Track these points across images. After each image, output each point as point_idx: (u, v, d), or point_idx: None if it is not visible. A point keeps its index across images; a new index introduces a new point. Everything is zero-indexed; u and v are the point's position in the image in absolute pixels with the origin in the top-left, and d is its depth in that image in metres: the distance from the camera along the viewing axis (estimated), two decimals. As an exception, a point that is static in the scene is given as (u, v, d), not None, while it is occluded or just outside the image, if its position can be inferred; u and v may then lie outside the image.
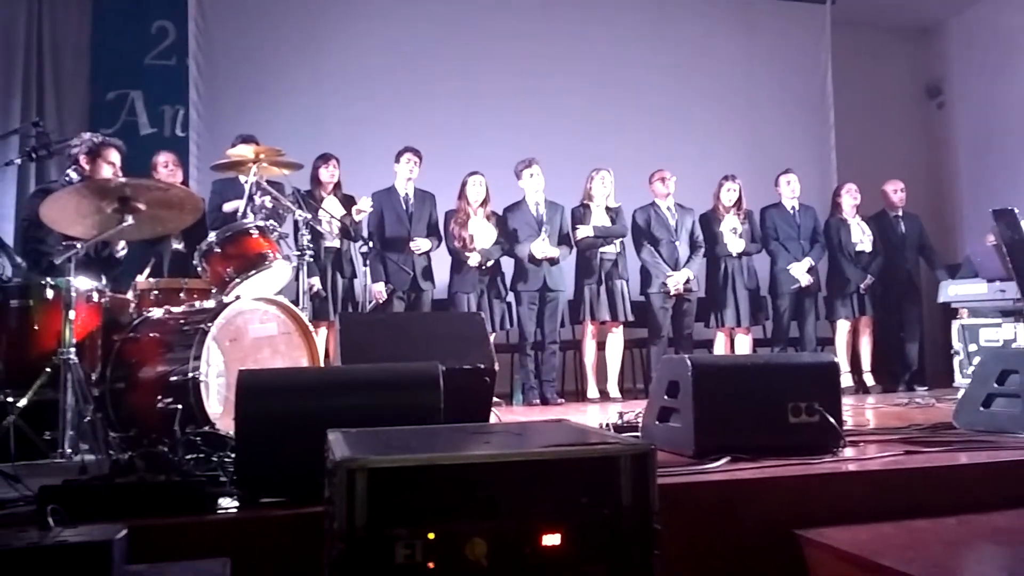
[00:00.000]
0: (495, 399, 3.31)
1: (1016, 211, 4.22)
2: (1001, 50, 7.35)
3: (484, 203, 5.28)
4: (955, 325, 5.08)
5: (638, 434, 2.78)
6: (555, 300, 5.36)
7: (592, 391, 5.44)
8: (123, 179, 2.78)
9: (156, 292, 3.17)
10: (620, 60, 6.94)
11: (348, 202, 5.15)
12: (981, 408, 2.89)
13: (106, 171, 3.58)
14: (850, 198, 5.93)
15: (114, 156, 3.61)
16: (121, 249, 3.74)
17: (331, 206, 5.00)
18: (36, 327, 2.91)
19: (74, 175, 3.55)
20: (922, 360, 6.04)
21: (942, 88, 8.16)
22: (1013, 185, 6.92)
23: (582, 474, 1.48)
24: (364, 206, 4.98)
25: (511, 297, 5.40)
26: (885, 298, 5.91)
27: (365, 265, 4.30)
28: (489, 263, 5.21)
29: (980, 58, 7.63)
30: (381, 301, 5.07)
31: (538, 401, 5.24)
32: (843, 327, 5.83)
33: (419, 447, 1.54)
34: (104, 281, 3.04)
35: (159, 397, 2.58)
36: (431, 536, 1.37)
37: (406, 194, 5.30)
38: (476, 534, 1.39)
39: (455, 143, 6.10)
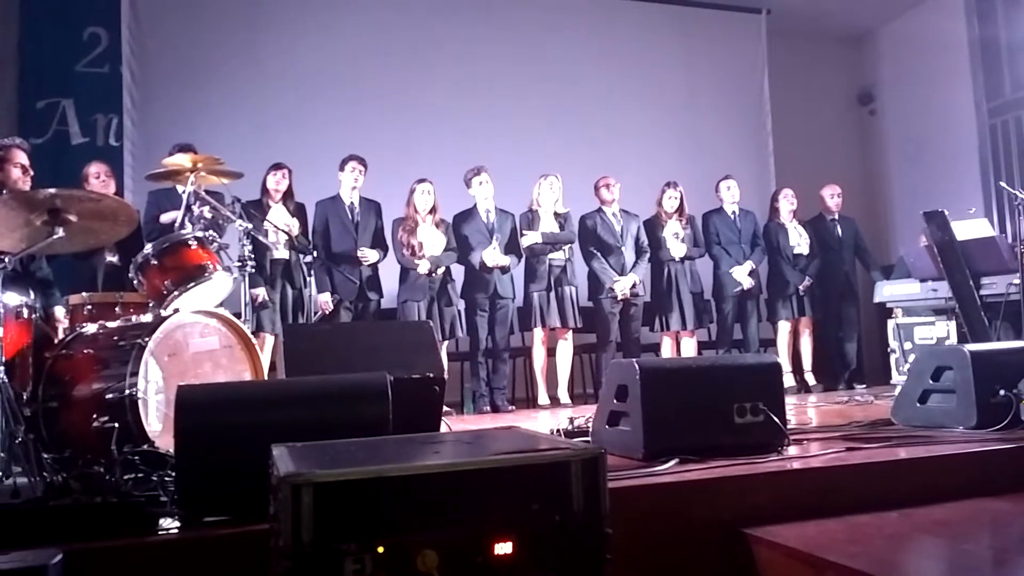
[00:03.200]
0: (445, 408, 3.29)
1: (946, 213, 4.39)
2: (929, 58, 7.64)
3: (432, 211, 5.25)
4: (891, 324, 5.23)
5: (589, 439, 2.79)
6: (505, 307, 5.36)
7: (543, 397, 5.44)
8: (52, 190, 2.67)
9: (90, 307, 3.07)
10: (564, 68, 7.00)
11: (300, 211, 5.07)
12: (918, 404, 2.98)
13: (16, 173, 3.43)
14: (787, 203, 6.09)
15: (21, 157, 3.44)
16: (38, 269, 3.58)
17: (277, 215, 4.90)
18: (-38, 346, 2.77)
19: None
20: (860, 359, 6.22)
21: (874, 95, 8.44)
22: (943, 188, 7.20)
23: (533, 481, 1.47)
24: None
25: (462, 305, 5.37)
26: (824, 299, 6.07)
27: (310, 275, 4.22)
28: (439, 271, 5.17)
29: (909, 66, 7.91)
30: (327, 312, 5.00)
31: (489, 409, 5.22)
32: (784, 328, 5.97)
33: (366, 459, 1.52)
34: (33, 297, 2.92)
35: (95, 416, 2.48)
36: (380, 550, 1.35)
37: (351, 203, 5.24)
38: (427, 546, 1.37)
39: (402, 151, 6.06)
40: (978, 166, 7.22)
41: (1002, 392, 2.73)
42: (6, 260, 2.65)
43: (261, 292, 4.67)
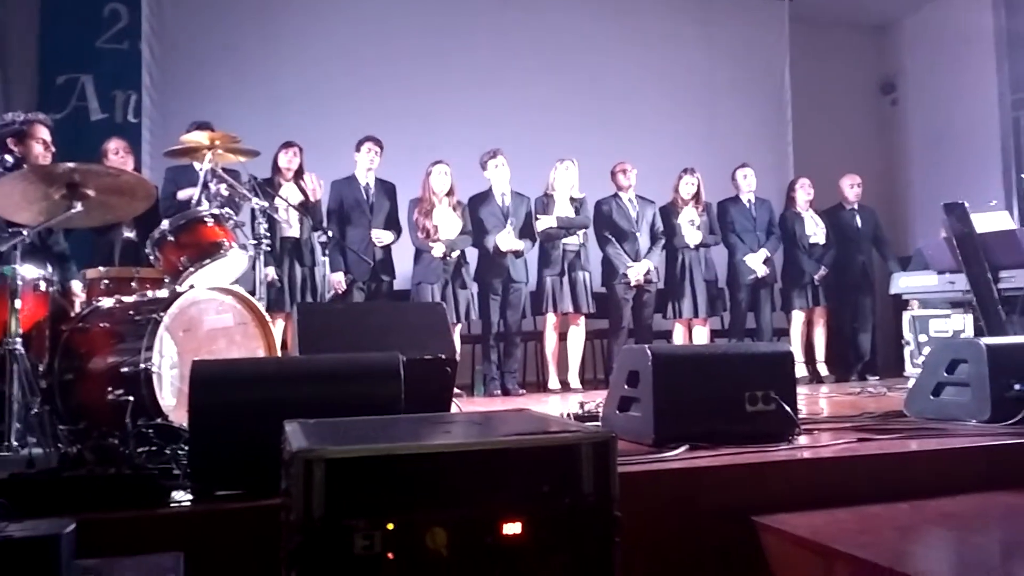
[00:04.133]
0: (456, 390, 3.30)
1: (966, 205, 4.33)
2: (953, 48, 7.52)
3: (449, 193, 5.24)
4: (906, 316, 5.19)
5: (599, 423, 2.79)
6: (518, 291, 5.36)
7: (553, 382, 5.45)
8: (71, 164, 2.68)
9: (106, 281, 3.10)
10: (583, 53, 6.95)
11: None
12: (931, 397, 2.96)
13: (38, 149, 3.45)
14: (804, 192, 6.04)
15: (43, 132, 3.47)
16: (56, 243, 3.60)
17: (289, 193, 4.92)
18: (-20, 317, 2.81)
19: (8, 159, 3.41)
20: (874, 350, 6.17)
21: (896, 85, 8.33)
22: (963, 180, 7.10)
23: (543, 463, 1.47)
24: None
25: (475, 288, 5.37)
26: (839, 289, 6.03)
27: (324, 255, 4.24)
28: (454, 254, 5.17)
29: (933, 56, 7.80)
30: (341, 291, 5.01)
31: (499, 392, 5.23)
32: (798, 317, 5.94)
33: (378, 437, 1.53)
34: (51, 270, 2.94)
35: (109, 389, 2.50)
36: (390, 526, 1.35)
37: (367, 184, 5.24)
38: (436, 523, 1.38)
39: (418, 132, 6.04)
40: (1000, 159, 7.12)
41: (1017, 387, 2.70)
42: (25, 233, 2.68)
43: (273, 271, 4.70)
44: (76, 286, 3.46)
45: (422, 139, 5.89)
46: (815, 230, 5.97)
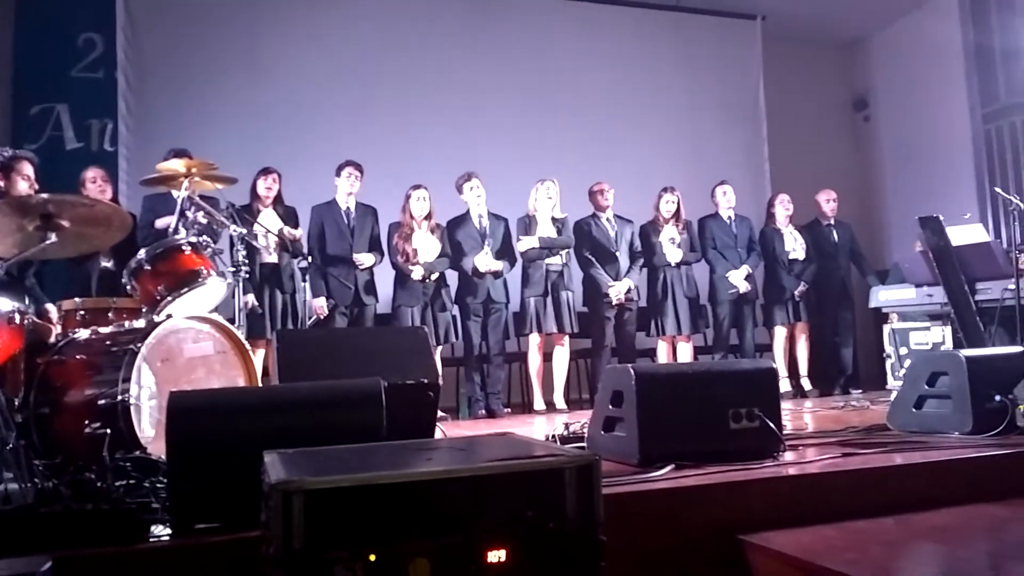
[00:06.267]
0: (441, 413, 3.28)
1: (941, 218, 4.39)
2: (924, 63, 7.66)
3: (428, 217, 5.25)
4: (886, 329, 5.24)
5: (584, 444, 2.78)
6: (499, 312, 5.35)
7: (538, 403, 5.43)
8: (45, 195, 2.65)
9: (82, 312, 3.05)
10: (561, 73, 7.01)
11: (289, 215, 5.06)
12: (914, 410, 2.97)
13: (22, 185, 3.44)
14: (783, 208, 6.10)
15: (28, 169, 3.47)
16: (26, 277, 3.57)
17: (268, 220, 4.90)
18: (-47, 351, 2.75)
19: None
20: (856, 364, 6.22)
21: (868, 101, 8.46)
22: (938, 193, 7.21)
23: (527, 488, 1.46)
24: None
25: (456, 310, 5.36)
26: (820, 304, 6.07)
27: (304, 280, 4.21)
28: (433, 277, 5.17)
29: (904, 71, 7.94)
30: (323, 316, 4.98)
31: (484, 413, 5.21)
32: (780, 333, 5.97)
33: (358, 466, 1.50)
34: (27, 302, 2.90)
35: (87, 422, 2.46)
36: (372, 558, 1.33)
37: (347, 208, 5.24)
38: (419, 554, 1.36)
39: (399, 156, 6.06)
40: (973, 171, 7.24)
41: (998, 398, 2.72)
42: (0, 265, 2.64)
43: (251, 298, 4.66)
44: (52, 312, 3.42)
45: (403, 163, 5.90)
46: (794, 246, 6.03)
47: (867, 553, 1.81)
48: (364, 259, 5.15)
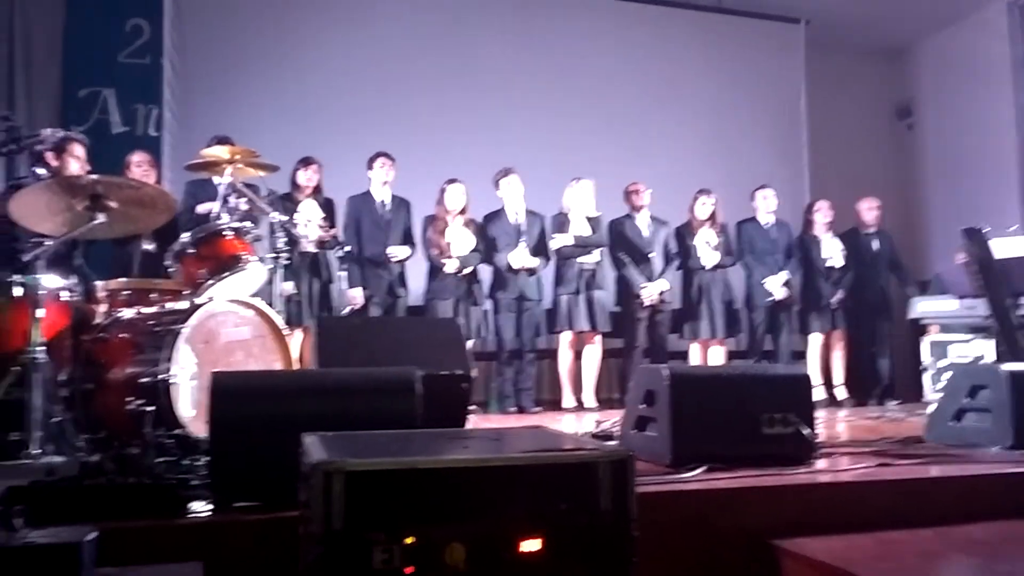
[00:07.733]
0: (471, 406, 3.29)
1: (985, 230, 4.30)
2: (969, 72, 7.51)
3: (463, 211, 5.27)
4: (925, 341, 5.14)
5: (615, 443, 2.77)
6: (531, 309, 5.36)
7: (568, 400, 5.43)
8: (95, 176, 2.72)
9: (127, 292, 3.11)
10: (599, 74, 6.98)
11: (328, 206, 5.11)
12: (952, 422, 2.92)
13: (73, 166, 3.52)
14: (822, 216, 6.03)
15: (79, 151, 3.55)
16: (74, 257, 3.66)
17: (308, 210, 4.95)
18: (4, 325, 2.83)
19: (43, 171, 3.47)
20: (893, 375, 6.12)
21: (912, 109, 8.31)
22: (981, 204, 7.06)
23: (561, 480, 1.47)
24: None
25: (488, 305, 5.38)
26: (858, 313, 5.99)
27: (341, 270, 4.25)
28: (466, 270, 5.18)
29: (949, 80, 7.78)
30: (358, 306, 5.03)
31: (514, 409, 5.22)
32: (816, 340, 5.90)
33: (397, 451, 1.52)
34: (75, 281, 2.97)
35: (129, 399, 2.52)
36: (409, 541, 1.35)
37: (382, 200, 5.27)
38: (455, 539, 1.37)
39: (434, 150, 6.08)
40: (1017, 183, 7.08)
41: (1040, 413, 2.67)
42: (48, 243, 2.71)
43: (291, 285, 4.71)
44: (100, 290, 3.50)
45: (438, 156, 5.92)
46: (833, 253, 5.95)
47: (903, 563, 1.79)
48: (399, 252, 5.19)
